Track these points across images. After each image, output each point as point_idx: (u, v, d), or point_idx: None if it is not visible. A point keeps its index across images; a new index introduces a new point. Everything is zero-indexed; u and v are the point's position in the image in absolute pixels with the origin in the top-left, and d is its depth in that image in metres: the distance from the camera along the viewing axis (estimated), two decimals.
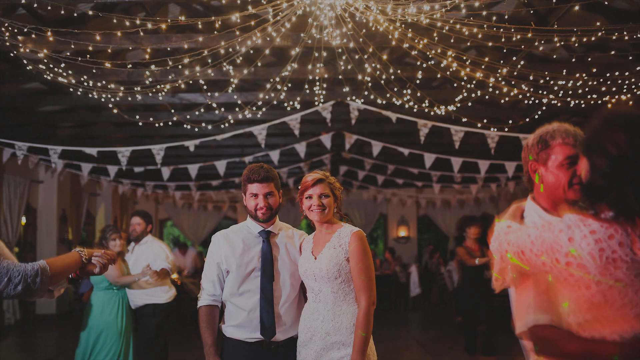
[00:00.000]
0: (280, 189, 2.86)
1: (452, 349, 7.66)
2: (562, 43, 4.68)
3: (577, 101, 5.90)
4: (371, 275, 2.62)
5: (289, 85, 6.12)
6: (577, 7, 4.29)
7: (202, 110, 6.94)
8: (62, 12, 4.45)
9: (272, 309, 2.71)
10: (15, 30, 4.39)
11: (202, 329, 2.77)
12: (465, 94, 6.26)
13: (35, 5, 4.51)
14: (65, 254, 2.30)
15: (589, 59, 5.85)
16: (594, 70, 5.51)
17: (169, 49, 5.51)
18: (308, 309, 2.70)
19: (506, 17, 4.65)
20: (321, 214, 2.70)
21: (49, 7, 4.55)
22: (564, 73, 5.37)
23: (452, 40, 4.65)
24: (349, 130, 8.34)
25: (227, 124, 7.14)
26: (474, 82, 5.74)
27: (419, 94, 6.19)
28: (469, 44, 4.86)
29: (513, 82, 5.52)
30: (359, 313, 2.55)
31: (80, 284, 7.09)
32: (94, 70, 5.63)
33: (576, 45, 4.70)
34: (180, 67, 5.59)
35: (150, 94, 5.99)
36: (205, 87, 6.45)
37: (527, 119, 6.89)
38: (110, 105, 6.60)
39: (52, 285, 2.17)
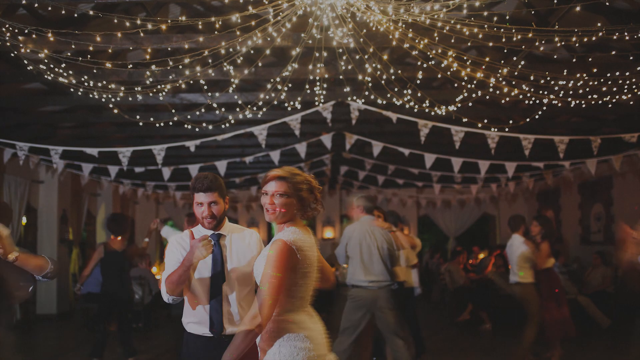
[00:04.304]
0: (225, 196, 3.00)
1: (452, 349, 7.66)
2: (563, 43, 4.67)
3: (577, 101, 5.89)
4: (273, 301, 2.34)
5: (290, 85, 6.12)
6: (577, 8, 4.29)
7: (203, 110, 6.94)
8: (63, 12, 4.45)
9: (220, 307, 2.87)
10: (16, 31, 4.39)
11: (174, 275, 2.81)
12: (465, 94, 6.26)
13: (36, 5, 4.51)
14: None
15: (590, 59, 5.84)
16: (595, 70, 5.50)
17: (169, 49, 5.51)
18: None
19: (507, 17, 4.64)
20: (272, 216, 2.50)
21: (50, 8, 4.55)
22: (565, 73, 5.36)
23: (452, 41, 4.64)
24: (350, 130, 8.34)
25: (227, 124, 7.14)
26: (475, 82, 5.74)
27: (419, 94, 6.19)
28: (469, 44, 4.86)
29: (513, 82, 5.52)
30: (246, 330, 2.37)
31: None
32: (95, 71, 5.63)
33: (577, 45, 4.69)
34: (180, 67, 5.59)
35: (150, 94, 5.99)
36: (205, 87, 6.45)
37: (528, 119, 6.88)
38: (111, 106, 6.60)
39: None
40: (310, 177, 2.60)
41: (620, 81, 5.36)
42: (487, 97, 6.21)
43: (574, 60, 5.95)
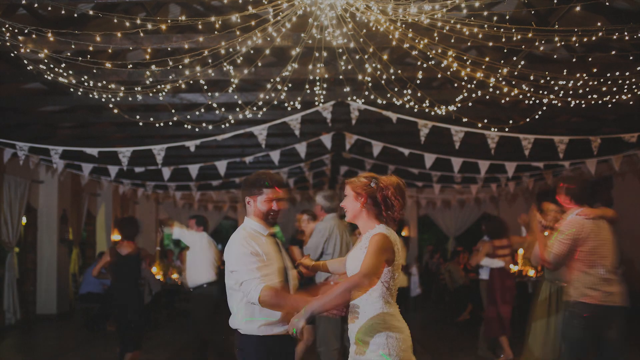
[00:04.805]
0: None
1: (452, 349, 7.66)
2: (563, 43, 4.68)
3: (577, 101, 5.89)
4: (376, 264, 2.61)
5: (290, 85, 6.12)
6: (577, 7, 4.29)
7: (203, 110, 6.94)
8: (63, 12, 4.45)
9: None
10: (16, 31, 4.39)
11: (288, 301, 2.77)
12: (465, 94, 6.25)
13: (36, 5, 4.51)
14: None
15: (590, 59, 5.84)
16: (595, 70, 5.50)
17: (169, 49, 5.51)
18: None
19: (507, 17, 4.64)
20: (346, 215, 2.89)
21: (50, 8, 4.55)
22: (565, 73, 5.36)
23: (452, 40, 4.64)
24: (350, 130, 8.33)
25: (227, 124, 7.14)
26: (475, 82, 5.74)
27: (419, 94, 6.19)
28: (469, 44, 4.86)
29: (513, 82, 5.52)
30: (348, 279, 2.62)
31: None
32: (95, 71, 5.63)
33: (577, 45, 4.69)
34: (180, 67, 5.59)
35: (150, 94, 5.99)
36: (205, 87, 6.45)
37: (528, 119, 6.88)
38: (111, 106, 6.60)
39: None
40: (386, 178, 2.81)
41: (620, 81, 5.36)
42: (487, 97, 6.21)
43: (574, 60, 5.95)
